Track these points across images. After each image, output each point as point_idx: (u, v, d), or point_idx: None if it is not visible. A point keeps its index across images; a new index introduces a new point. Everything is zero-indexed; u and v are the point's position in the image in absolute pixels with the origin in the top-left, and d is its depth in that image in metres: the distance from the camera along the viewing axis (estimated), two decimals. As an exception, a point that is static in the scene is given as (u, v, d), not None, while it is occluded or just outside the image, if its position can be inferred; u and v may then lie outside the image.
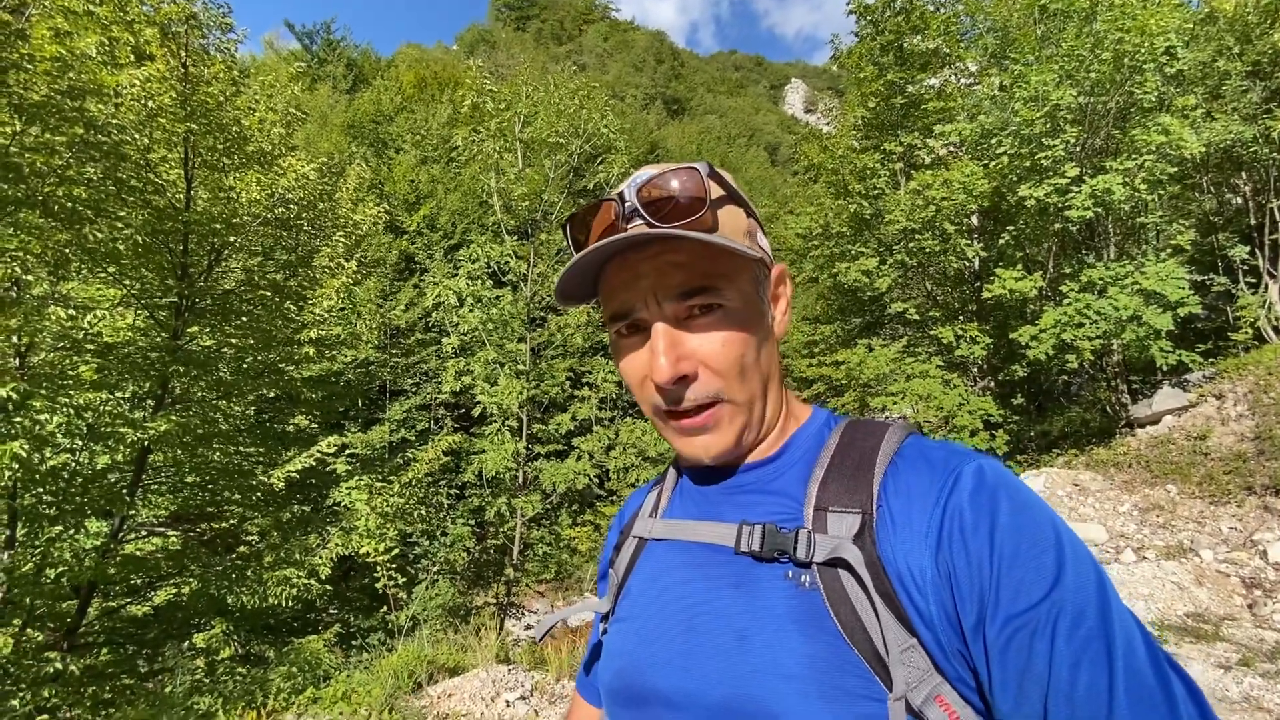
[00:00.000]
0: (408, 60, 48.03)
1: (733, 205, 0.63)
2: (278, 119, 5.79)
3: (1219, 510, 7.63)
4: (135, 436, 4.26)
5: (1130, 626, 0.47)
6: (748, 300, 0.62)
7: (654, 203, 0.59)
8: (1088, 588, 0.48)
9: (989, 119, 9.20)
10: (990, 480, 0.53)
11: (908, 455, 0.58)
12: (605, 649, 0.69)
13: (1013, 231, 9.54)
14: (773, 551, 0.56)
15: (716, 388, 0.61)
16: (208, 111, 5.15)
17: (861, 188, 10.49)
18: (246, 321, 5.43)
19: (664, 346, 0.60)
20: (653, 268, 0.60)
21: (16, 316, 3.93)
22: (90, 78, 4.41)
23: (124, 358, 4.80)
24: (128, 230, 4.40)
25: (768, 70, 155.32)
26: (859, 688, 0.49)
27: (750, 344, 0.62)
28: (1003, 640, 0.48)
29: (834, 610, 0.52)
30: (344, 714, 3.48)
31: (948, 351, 10.16)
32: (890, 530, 0.53)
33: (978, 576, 0.49)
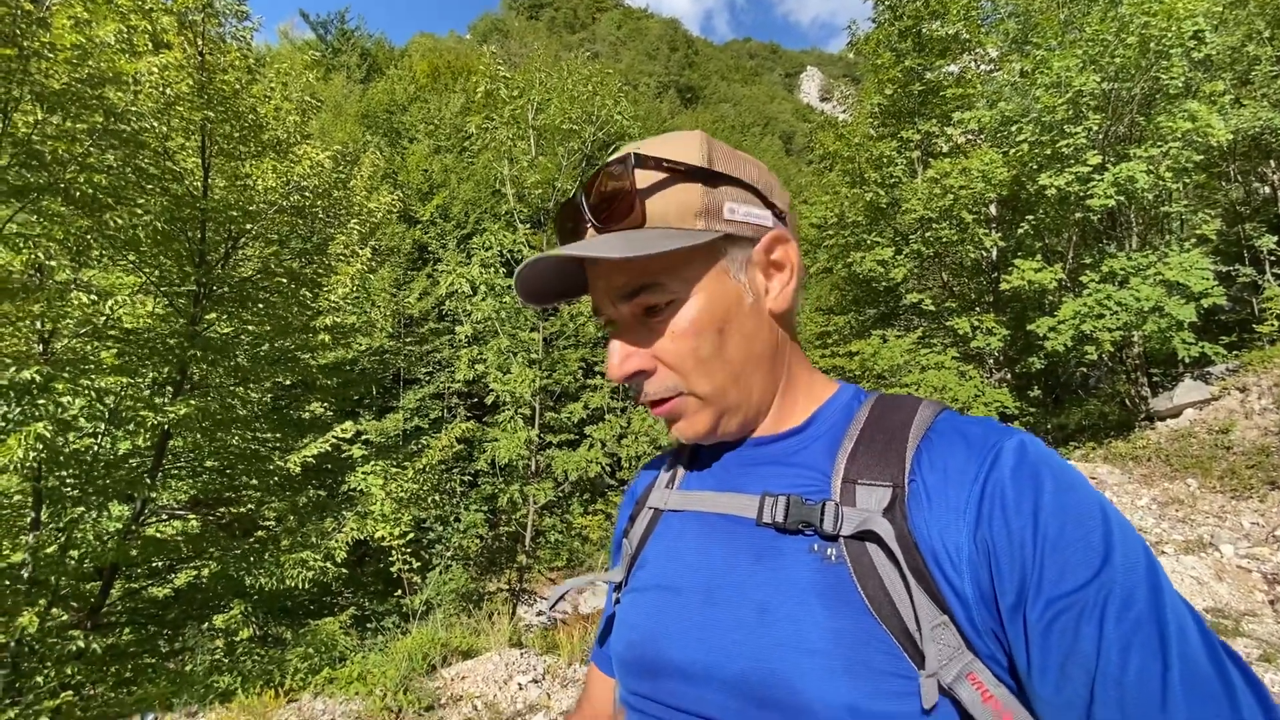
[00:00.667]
0: (421, 49, 48.09)
1: (681, 184, 0.59)
2: (293, 107, 5.82)
3: (1240, 505, 7.51)
4: (155, 420, 4.34)
5: (1184, 613, 0.45)
6: (702, 287, 0.60)
7: (597, 207, 0.59)
8: (1138, 569, 0.46)
9: (1009, 106, 9.03)
10: (1033, 457, 0.51)
11: (943, 430, 0.56)
12: (618, 619, 0.68)
13: (1032, 221, 9.38)
14: (797, 523, 0.55)
15: (672, 382, 0.61)
16: (224, 99, 5.19)
17: (878, 176, 10.35)
18: (263, 309, 5.49)
19: (613, 348, 0.61)
20: (598, 274, 0.61)
21: (40, 302, 4.00)
22: (109, 66, 4.45)
23: (144, 343, 4.88)
24: (147, 217, 4.45)
25: (783, 58, 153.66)
26: (886, 664, 0.48)
27: (708, 333, 0.60)
28: (1045, 622, 0.46)
29: (861, 584, 0.51)
30: (359, 694, 3.54)
31: (964, 343, 10.05)
32: (924, 505, 0.52)
33: (1019, 556, 0.48)
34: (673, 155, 0.59)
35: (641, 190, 0.58)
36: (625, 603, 0.68)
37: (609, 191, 0.58)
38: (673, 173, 0.59)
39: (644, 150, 0.59)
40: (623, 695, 0.66)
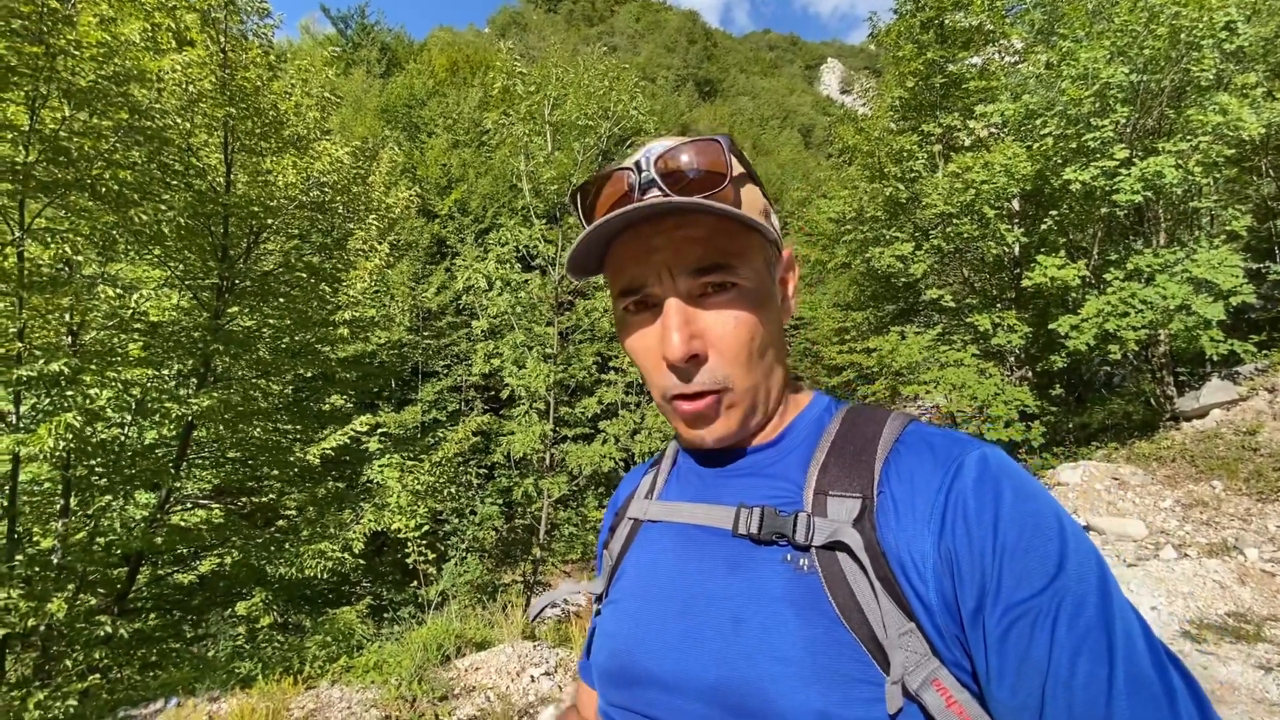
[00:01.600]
0: (440, 44, 48.28)
1: (751, 184, 0.62)
2: (313, 103, 5.89)
3: (1267, 508, 7.34)
4: (180, 412, 4.44)
5: (1130, 620, 0.47)
6: (761, 281, 0.61)
7: (672, 174, 0.58)
8: (1089, 578, 0.47)
9: (1034, 98, 8.85)
10: (994, 468, 0.53)
11: (909, 442, 0.57)
12: (599, 630, 0.69)
13: (1056, 216, 9.20)
14: (771, 534, 0.56)
15: (725, 372, 0.60)
16: (245, 96, 5.26)
17: (898, 170, 10.22)
18: (284, 303, 5.58)
19: (677, 323, 0.58)
20: (668, 241, 0.58)
21: (68, 295, 4.10)
22: (134, 63, 4.53)
23: (168, 336, 4.98)
24: (171, 213, 4.53)
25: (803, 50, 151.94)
26: (855, 671, 0.49)
27: (761, 327, 0.61)
28: (1002, 627, 0.47)
29: (831, 593, 0.52)
30: (375, 682, 3.60)
31: (984, 340, 9.90)
32: (891, 515, 0.53)
33: (979, 564, 0.49)
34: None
35: (735, 176, 0.59)
36: (605, 614, 0.69)
37: (702, 166, 0.58)
38: (748, 169, 0.63)
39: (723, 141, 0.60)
40: (601, 707, 0.66)
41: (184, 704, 3.37)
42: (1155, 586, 5.72)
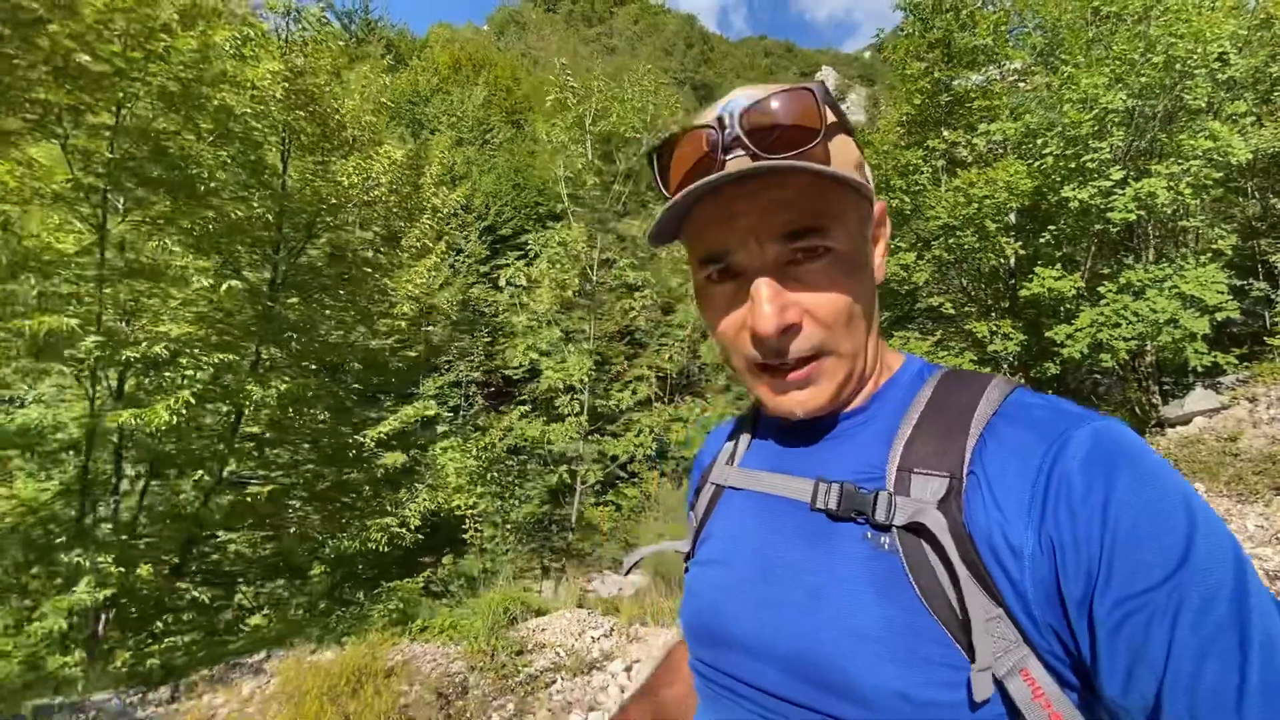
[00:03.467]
0: (440, 40, 48.38)
1: (843, 135, 0.57)
2: (371, 108, 6.25)
3: (1246, 509, 7.84)
4: (260, 394, 4.79)
5: (1272, 619, 0.42)
6: (855, 242, 0.58)
7: (759, 130, 0.53)
8: (1221, 572, 0.43)
9: (1034, 118, 9.37)
10: (1107, 445, 0.48)
11: (1009, 414, 0.54)
12: (686, 588, 0.69)
13: (1053, 231, 9.73)
14: (849, 511, 0.55)
15: (820, 339, 0.57)
16: (311, 100, 5.62)
17: (903, 183, 10.72)
18: (344, 295, 5.94)
19: (768, 294, 0.55)
20: (754, 206, 0.54)
21: (165, 284, 4.45)
22: (221, 69, 4.88)
23: (237, 325, 5.32)
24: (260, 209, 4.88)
25: (798, 57, 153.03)
26: (937, 654, 0.48)
27: (857, 290, 0.58)
28: (1113, 622, 0.44)
29: (913, 575, 0.50)
30: (452, 640, 3.99)
31: (981, 347, 10.41)
32: (983, 496, 0.50)
33: (1086, 551, 0.45)
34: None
35: (827, 129, 0.54)
36: (692, 574, 0.70)
37: (793, 121, 0.53)
38: (840, 118, 0.57)
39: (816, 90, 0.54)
40: (691, 661, 0.67)
41: (285, 656, 3.74)
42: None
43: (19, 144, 4.56)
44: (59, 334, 3.58)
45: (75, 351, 3.78)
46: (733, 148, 0.54)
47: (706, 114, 0.57)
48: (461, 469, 6.25)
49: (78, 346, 3.88)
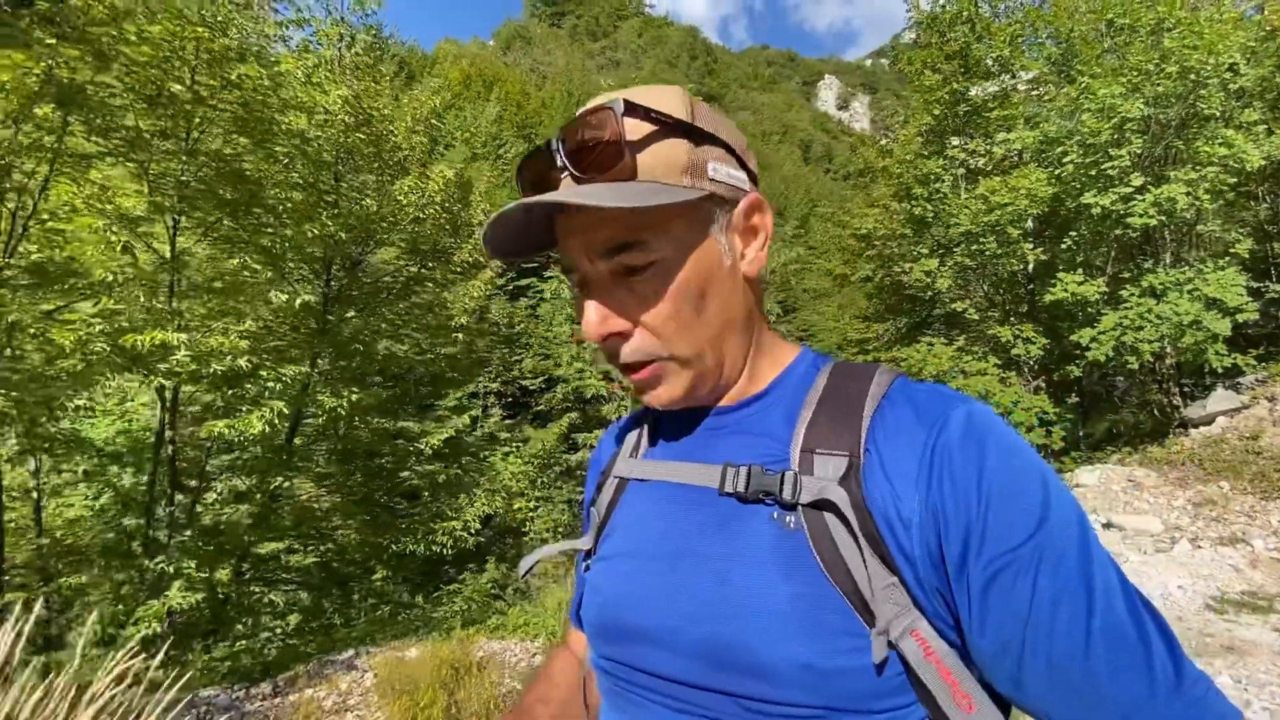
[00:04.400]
0: (447, 56, 49.18)
1: (670, 139, 0.57)
2: (421, 129, 6.52)
3: (1270, 505, 7.98)
4: (334, 404, 5.01)
5: (1109, 570, 0.49)
6: (687, 246, 0.59)
7: (575, 153, 0.56)
8: (1070, 530, 0.49)
9: (1051, 127, 9.61)
10: (979, 424, 0.53)
11: (895, 399, 0.58)
12: (589, 586, 0.70)
13: (1074, 237, 9.94)
14: (758, 493, 0.57)
15: (650, 346, 0.60)
16: (370, 123, 5.89)
17: (924, 192, 10.96)
18: (404, 308, 6.19)
19: (591, 306, 0.59)
20: (581, 224, 0.58)
21: (249, 300, 4.69)
22: (292, 95, 5.15)
23: (304, 338, 5.56)
24: (333, 227, 5.13)
25: (800, 66, 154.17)
26: (839, 624, 0.50)
27: (690, 295, 0.59)
28: (986, 577, 0.49)
29: (817, 550, 0.53)
30: (525, 637, 4.18)
31: (1004, 350, 10.59)
32: (878, 472, 0.54)
33: (964, 516, 0.50)
34: (660, 107, 0.57)
35: (631, 141, 0.55)
36: (594, 570, 0.70)
37: (594, 139, 0.55)
38: (661, 125, 0.57)
39: (632, 99, 0.56)
40: (594, 659, 0.68)
41: (374, 654, 3.94)
42: (1179, 570, 6.37)
43: (94, 168, 4.84)
44: (158, 347, 3.81)
45: (169, 365, 4.01)
46: (563, 169, 0.57)
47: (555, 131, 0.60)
48: (518, 473, 6.47)
49: (170, 360, 4.11)
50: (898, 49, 13.11)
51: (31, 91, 3.99)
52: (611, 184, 0.55)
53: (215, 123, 4.97)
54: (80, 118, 4.12)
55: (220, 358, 4.27)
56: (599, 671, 0.67)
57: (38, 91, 4.00)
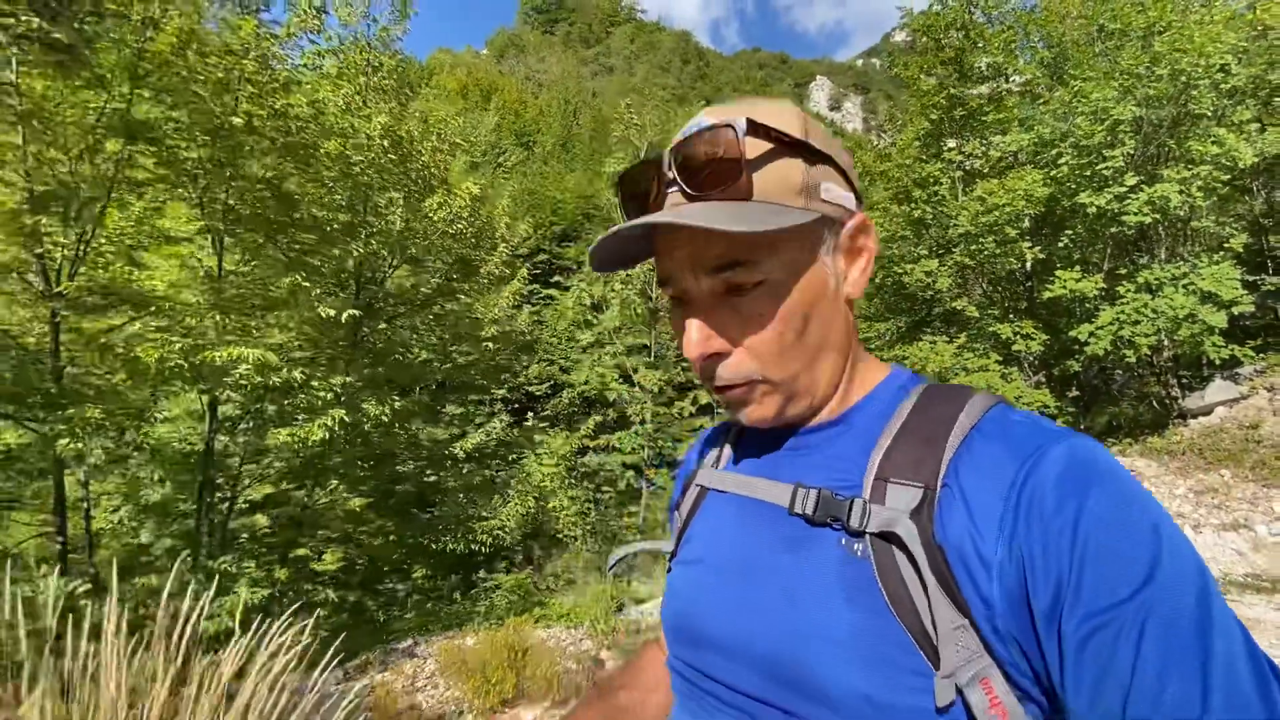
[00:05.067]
0: (443, 66, 49.63)
1: (787, 158, 0.57)
2: (446, 149, 6.84)
3: (1272, 492, 8.25)
4: (376, 412, 5.30)
5: (1234, 637, 0.43)
6: (796, 269, 0.58)
7: (688, 171, 0.57)
8: (1185, 590, 0.44)
9: (1045, 129, 9.93)
10: (1081, 462, 0.49)
11: (987, 429, 0.54)
12: (668, 587, 0.71)
13: (1071, 235, 10.24)
14: (825, 517, 0.56)
15: (750, 368, 0.60)
16: (400, 144, 6.20)
17: (923, 194, 11.28)
18: (434, 318, 6.49)
19: (694, 324, 0.59)
20: (690, 237, 0.58)
21: (295, 314, 4.99)
22: (333, 123, 5.46)
23: (344, 350, 5.86)
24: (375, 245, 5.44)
25: (792, 68, 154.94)
26: (902, 660, 0.49)
27: (794, 318, 0.58)
28: (1081, 635, 0.45)
29: (883, 581, 0.51)
30: (569, 625, 4.47)
31: (1004, 347, 10.88)
32: (956, 508, 0.51)
33: (1055, 565, 0.46)
34: (780, 126, 0.57)
35: (750, 160, 0.56)
36: (674, 573, 0.71)
37: (713, 157, 0.56)
38: (780, 144, 0.57)
39: (755, 117, 0.56)
40: (670, 660, 0.69)
41: (433, 642, 4.22)
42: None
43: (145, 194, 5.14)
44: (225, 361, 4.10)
45: (233, 378, 4.30)
46: (672, 185, 0.58)
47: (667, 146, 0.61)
48: (549, 474, 6.78)
49: (232, 372, 4.40)
50: (893, 53, 13.47)
51: (105, 126, 4.30)
52: (727, 203, 0.55)
53: (262, 150, 5.28)
54: (147, 151, 4.41)
55: (277, 370, 4.57)
56: (673, 672, 0.68)
57: (111, 126, 4.30)
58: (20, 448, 4.43)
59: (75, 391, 4.29)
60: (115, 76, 4.46)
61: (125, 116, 4.12)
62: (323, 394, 4.83)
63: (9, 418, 4.56)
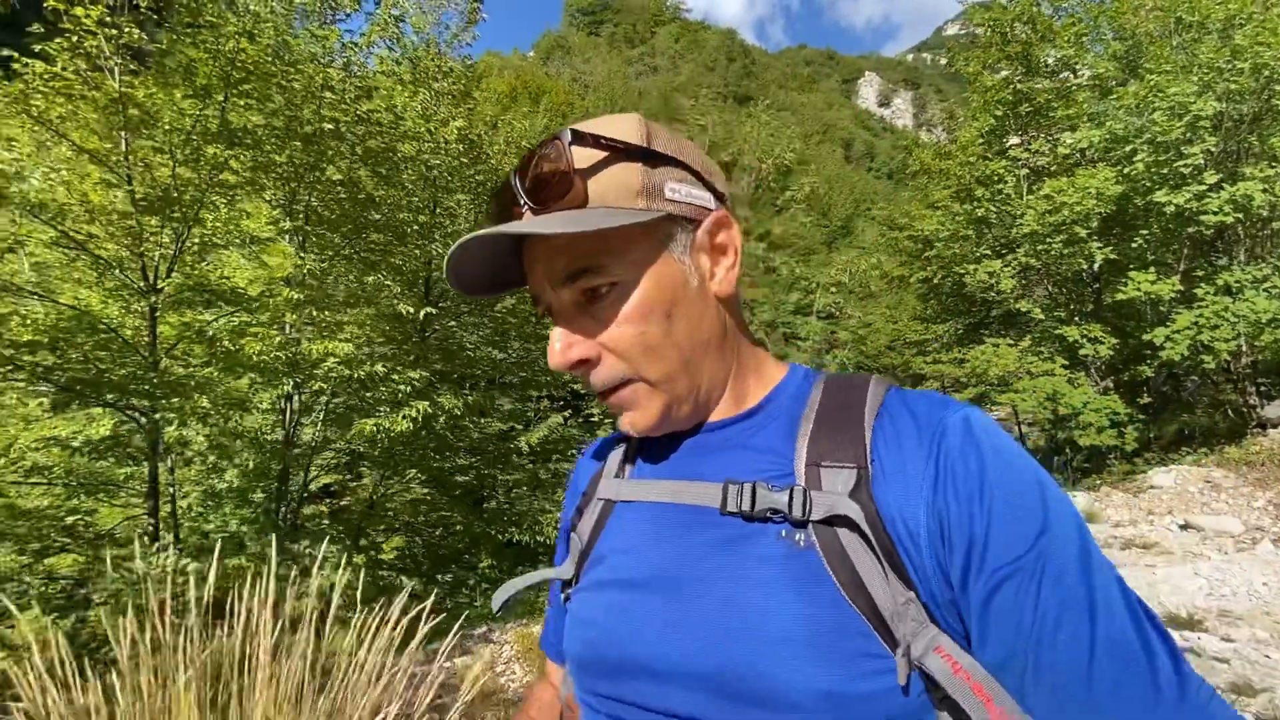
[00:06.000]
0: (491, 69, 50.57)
1: (622, 163, 0.57)
2: (514, 150, 7.05)
3: (1356, 508, 7.79)
4: (451, 404, 5.52)
5: (1110, 580, 0.48)
6: (646, 268, 0.58)
7: (533, 188, 0.57)
8: (1071, 539, 0.48)
9: (1119, 125, 9.56)
10: (977, 431, 0.53)
11: (893, 408, 0.57)
12: (572, 617, 0.66)
13: (1145, 235, 9.86)
14: (765, 511, 0.55)
15: (619, 370, 0.59)
16: (474, 147, 6.41)
17: (986, 193, 11.00)
18: (500, 316, 6.71)
19: (556, 335, 0.59)
20: (542, 253, 0.59)
21: (374, 311, 5.21)
22: (410, 127, 5.68)
23: (415, 346, 6.09)
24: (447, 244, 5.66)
25: (840, 64, 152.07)
26: (860, 646, 0.49)
27: (654, 316, 0.58)
28: (988, 589, 0.48)
29: (832, 569, 0.51)
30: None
31: (1070, 351, 10.52)
32: (885, 484, 0.53)
33: (967, 527, 0.49)
34: (611, 134, 0.57)
35: (581, 169, 0.56)
36: (578, 600, 0.66)
37: (546, 171, 0.56)
38: (612, 151, 0.57)
39: (580, 128, 0.57)
40: (579, 694, 0.65)
41: (509, 629, 4.37)
42: (1263, 568, 6.37)
43: (235, 197, 5.44)
44: (317, 355, 4.34)
45: (323, 370, 4.54)
46: (523, 202, 0.58)
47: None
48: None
49: (321, 366, 4.65)
50: (952, 49, 13.13)
51: (207, 132, 4.58)
52: (565, 213, 0.55)
53: (343, 154, 5.53)
54: (243, 155, 4.69)
55: (361, 364, 4.79)
56: (585, 708, 0.63)
57: (213, 133, 4.59)
58: (129, 434, 4.75)
59: (174, 382, 4.59)
60: (214, 85, 4.75)
61: (226, 123, 4.38)
62: (402, 387, 5.05)
63: (114, 406, 4.91)
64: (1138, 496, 8.61)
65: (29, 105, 4.07)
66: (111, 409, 4.89)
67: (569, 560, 0.70)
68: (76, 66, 4.13)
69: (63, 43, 4.18)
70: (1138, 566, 6.17)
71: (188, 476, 5.82)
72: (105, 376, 4.27)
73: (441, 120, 5.58)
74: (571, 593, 0.68)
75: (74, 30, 4.13)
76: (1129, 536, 7.27)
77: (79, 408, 4.67)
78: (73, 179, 4.37)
